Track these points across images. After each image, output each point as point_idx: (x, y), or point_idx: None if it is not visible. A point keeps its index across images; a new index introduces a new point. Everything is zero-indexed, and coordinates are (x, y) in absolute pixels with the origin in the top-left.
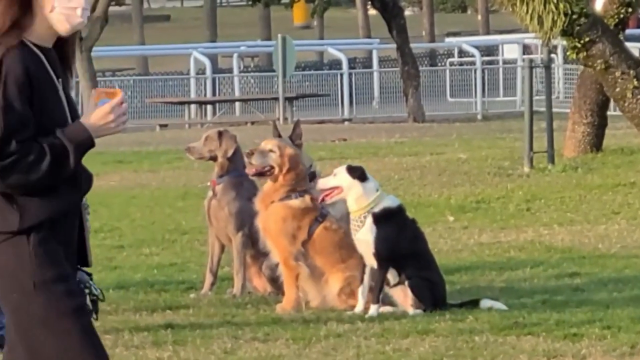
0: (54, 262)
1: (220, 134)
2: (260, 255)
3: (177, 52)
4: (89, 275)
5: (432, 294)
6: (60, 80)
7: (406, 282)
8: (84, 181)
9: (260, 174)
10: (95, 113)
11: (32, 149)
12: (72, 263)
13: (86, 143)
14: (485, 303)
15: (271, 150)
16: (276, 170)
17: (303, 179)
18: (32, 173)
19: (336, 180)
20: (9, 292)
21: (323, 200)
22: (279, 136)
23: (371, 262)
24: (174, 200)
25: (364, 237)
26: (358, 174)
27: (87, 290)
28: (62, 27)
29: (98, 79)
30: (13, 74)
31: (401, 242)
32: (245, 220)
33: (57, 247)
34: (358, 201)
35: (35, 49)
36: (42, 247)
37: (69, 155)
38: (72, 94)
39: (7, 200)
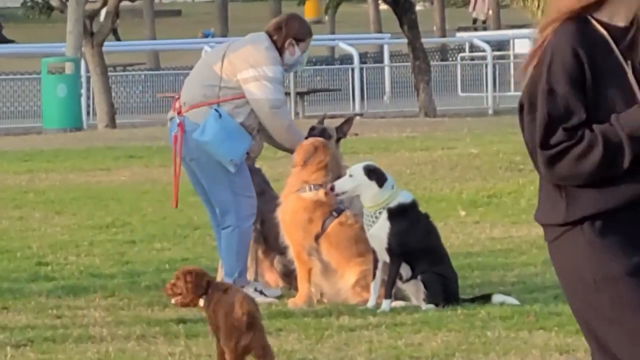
0: (616, 255)
1: None
2: (271, 250)
3: (188, 46)
4: None
5: (444, 289)
6: (629, 62)
7: (419, 277)
8: None
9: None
10: None
11: (583, 137)
12: None
13: None
14: (498, 298)
15: None
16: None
17: (319, 172)
18: (582, 163)
19: (353, 181)
20: (572, 290)
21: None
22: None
23: (384, 257)
24: (185, 195)
25: (377, 233)
26: (377, 177)
27: None
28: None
29: (109, 73)
30: (560, 55)
31: (414, 237)
32: (255, 215)
33: (626, 239)
34: (374, 199)
35: (599, 27)
36: (599, 240)
37: (622, 144)
38: (82, 89)
39: (558, 189)
